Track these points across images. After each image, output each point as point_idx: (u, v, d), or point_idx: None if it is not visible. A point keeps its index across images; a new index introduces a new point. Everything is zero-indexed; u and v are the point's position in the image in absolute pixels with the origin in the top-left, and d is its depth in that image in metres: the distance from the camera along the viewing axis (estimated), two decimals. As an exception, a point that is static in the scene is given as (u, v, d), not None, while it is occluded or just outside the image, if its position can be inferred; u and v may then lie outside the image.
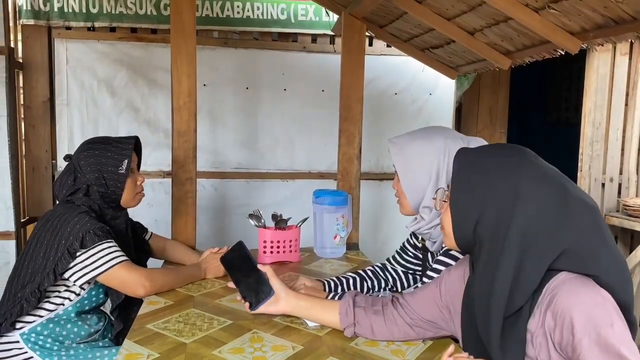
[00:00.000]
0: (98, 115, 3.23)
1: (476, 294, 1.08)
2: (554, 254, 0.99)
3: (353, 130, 2.47)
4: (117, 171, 1.72)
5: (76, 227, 1.59)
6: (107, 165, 1.72)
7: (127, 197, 1.78)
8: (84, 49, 3.17)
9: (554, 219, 1.00)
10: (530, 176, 1.03)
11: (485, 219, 1.04)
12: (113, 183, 1.73)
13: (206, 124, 3.28)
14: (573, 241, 0.99)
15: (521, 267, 0.99)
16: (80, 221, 1.60)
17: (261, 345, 1.30)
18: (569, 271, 1.01)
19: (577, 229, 1.00)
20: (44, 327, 1.64)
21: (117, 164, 1.72)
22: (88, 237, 1.58)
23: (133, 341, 1.31)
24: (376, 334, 1.34)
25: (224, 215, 3.41)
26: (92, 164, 1.71)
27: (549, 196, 1.01)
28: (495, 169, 1.06)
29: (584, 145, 3.49)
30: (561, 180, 1.04)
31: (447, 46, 2.67)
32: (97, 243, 1.59)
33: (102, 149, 1.74)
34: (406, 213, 1.59)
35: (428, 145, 1.49)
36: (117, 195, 1.75)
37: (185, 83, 2.17)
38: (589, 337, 0.92)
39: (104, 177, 1.71)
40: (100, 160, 1.72)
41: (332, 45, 3.44)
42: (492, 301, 1.01)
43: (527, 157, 1.07)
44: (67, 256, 1.56)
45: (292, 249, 2.14)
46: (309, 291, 1.59)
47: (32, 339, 1.62)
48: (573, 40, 1.91)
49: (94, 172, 1.70)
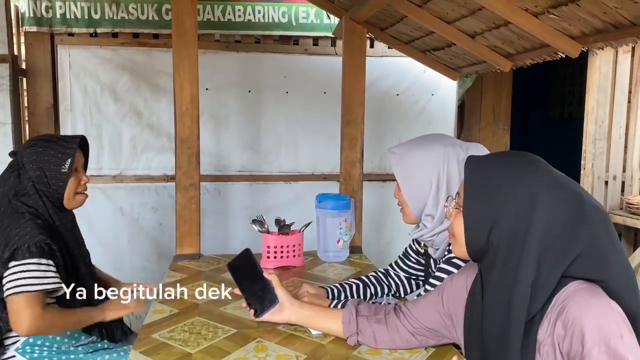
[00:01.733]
0: (102, 120, 3.25)
1: (491, 301, 1.08)
2: (569, 258, 1.01)
3: (355, 133, 2.48)
4: (59, 170, 1.67)
5: (15, 238, 1.54)
6: (50, 164, 1.67)
7: (67, 196, 1.71)
8: (86, 54, 3.19)
9: (570, 224, 1.01)
10: (547, 182, 1.04)
11: (501, 225, 1.05)
12: (55, 182, 1.68)
13: (209, 128, 3.30)
14: (587, 246, 1.01)
15: (539, 271, 1.01)
16: (21, 231, 1.55)
17: (265, 355, 1.31)
18: (581, 278, 1.02)
19: (591, 234, 1.01)
20: (35, 338, 1.62)
21: (59, 162, 1.67)
22: (20, 252, 1.52)
23: (139, 351, 1.33)
24: (379, 342, 1.35)
25: (227, 219, 3.43)
26: (34, 161, 1.66)
27: (565, 202, 1.02)
28: (511, 175, 1.07)
29: (587, 143, 3.49)
30: (574, 186, 1.06)
31: (448, 48, 2.67)
32: (24, 261, 1.52)
33: (45, 147, 1.69)
34: (409, 222, 1.60)
35: (427, 153, 1.50)
36: (59, 194, 1.69)
37: (187, 89, 2.18)
38: (599, 348, 0.93)
39: (46, 176, 1.66)
40: (43, 158, 1.67)
41: (334, 47, 3.45)
42: (512, 308, 1.02)
43: (540, 165, 1.09)
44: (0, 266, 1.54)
45: (296, 254, 2.15)
46: (313, 299, 1.60)
47: (28, 351, 1.62)
48: (573, 44, 1.91)
49: (37, 170, 1.66)
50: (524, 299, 1.01)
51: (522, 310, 1.01)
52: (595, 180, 3.49)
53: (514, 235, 1.03)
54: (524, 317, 1.01)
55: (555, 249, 1.01)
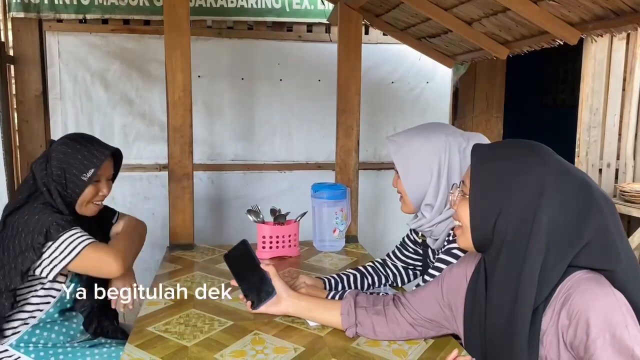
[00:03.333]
0: (92, 109, 3.19)
1: (497, 291, 1.07)
2: (577, 247, 1.00)
3: (351, 122, 2.45)
4: (79, 176, 1.63)
5: (38, 223, 1.52)
6: (73, 167, 1.63)
7: (79, 203, 1.67)
8: (76, 41, 3.12)
9: (579, 212, 1.00)
10: (554, 170, 1.03)
11: (508, 213, 1.04)
12: (72, 186, 1.64)
13: (202, 116, 3.26)
14: (595, 234, 1.00)
15: (546, 260, 1.00)
16: (41, 217, 1.54)
17: (263, 348, 1.30)
18: (588, 267, 1.02)
19: (600, 222, 1.00)
20: (30, 334, 1.61)
21: (82, 169, 1.63)
22: (52, 230, 1.52)
23: (135, 345, 1.31)
24: (378, 334, 1.34)
25: (221, 208, 3.40)
26: (60, 160, 1.63)
27: (573, 190, 1.02)
28: (518, 162, 1.06)
29: (581, 130, 3.49)
30: (582, 175, 1.06)
31: (444, 35, 2.64)
32: (62, 233, 1.53)
33: (76, 149, 1.65)
34: (408, 211, 1.58)
35: (428, 142, 1.48)
36: (72, 199, 1.65)
37: (179, 77, 2.14)
38: (604, 337, 0.92)
39: (65, 178, 1.63)
40: (69, 160, 1.63)
41: (328, 34, 3.40)
42: (519, 297, 1.01)
43: (548, 153, 1.08)
44: (32, 253, 1.51)
45: (291, 244, 2.13)
46: (310, 290, 1.58)
47: (21, 345, 1.60)
48: (572, 31, 1.89)
49: (58, 169, 1.62)
50: (531, 288, 1.00)
51: (529, 300, 1.00)
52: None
53: (521, 223, 1.02)
54: (531, 306, 1.00)
55: (564, 237, 1.00)
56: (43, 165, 1.64)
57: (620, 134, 3.55)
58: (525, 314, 1.00)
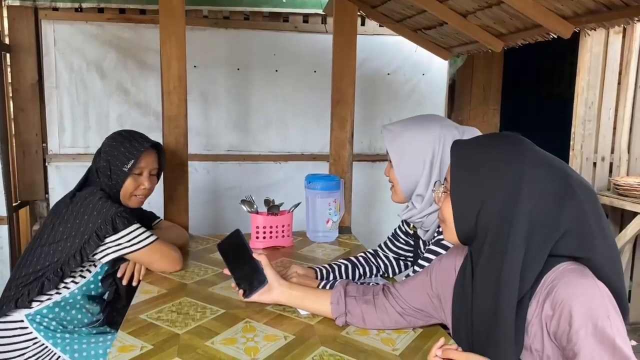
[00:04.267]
0: (88, 98, 3.19)
1: (481, 282, 1.09)
2: (556, 235, 1.01)
3: (345, 114, 2.46)
4: (121, 167, 1.77)
5: (102, 210, 1.67)
6: (116, 159, 1.78)
7: (122, 194, 1.81)
8: (72, 30, 3.12)
9: (557, 202, 1.02)
10: (532, 161, 1.04)
11: (488, 206, 1.05)
12: (115, 178, 1.78)
13: (198, 106, 3.26)
14: (573, 223, 1.02)
15: (527, 250, 1.01)
16: (104, 205, 1.69)
17: (253, 335, 1.31)
18: (568, 255, 1.03)
19: (578, 210, 1.02)
20: (50, 310, 1.69)
21: (124, 160, 1.77)
22: (119, 220, 1.68)
23: (127, 332, 1.32)
24: (367, 322, 1.35)
25: (216, 198, 3.41)
26: (107, 153, 1.79)
27: (550, 180, 1.03)
28: (497, 156, 1.07)
29: (576, 124, 3.50)
30: (561, 165, 1.07)
31: (439, 27, 2.64)
32: (128, 225, 1.70)
33: (119, 142, 1.80)
34: (398, 200, 1.59)
35: (423, 133, 1.48)
36: (116, 189, 1.79)
37: (175, 67, 2.14)
38: (586, 328, 0.94)
39: (110, 169, 1.78)
40: (114, 152, 1.78)
41: (324, 25, 3.40)
42: (502, 288, 1.02)
43: (526, 145, 1.09)
44: (96, 239, 1.66)
45: (285, 234, 2.15)
46: (301, 279, 1.60)
47: (37, 319, 1.66)
48: (565, 24, 1.90)
49: (105, 161, 1.78)
50: (513, 278, 1.01)
51: (513, 290, 1.01)
52: (583, 161, 3.52)
53: (502, 215, 1.03)
54: (515, 297, 1.01)
55: (543, 228, 1.02)
56: (96, 158, 1.82)
57: (615, 127, 3.56)
58: (509, 304, 1.02)
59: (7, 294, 1.71)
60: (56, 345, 1.65)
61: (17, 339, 1.65)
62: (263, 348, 1.25)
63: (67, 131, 3.17)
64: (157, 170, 1.92)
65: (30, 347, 1.65)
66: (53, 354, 1.65)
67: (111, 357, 1.19)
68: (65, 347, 1.65)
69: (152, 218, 2.10)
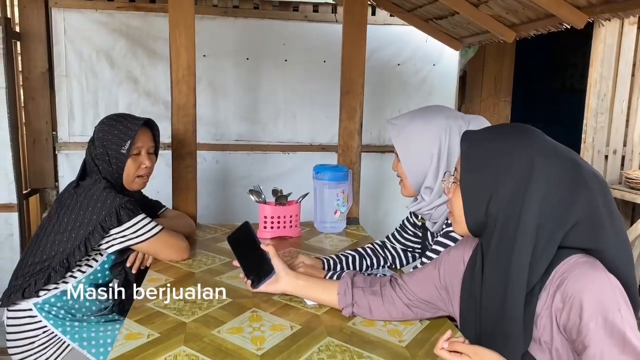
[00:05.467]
0: (97, 86, 3.20)
1: (490, 274, 1.08)
2: (567, 226, 1.00)
3: (354, 104, 2.44)
4: (119, 150, 1.74)
5: (107, 202, 1.67)
6: (112, 143, 1.75)
7: (126, 178, 1.79)
8: (82, 19, 3.12)
9: (568, 192, 1.01)
10: (543, 152, 1.03)
11: (498, 197, 1.04)
12: (115, 162, 1.75)
13: (207, 96, 3.26)
14: (584, 214, 1.00)
15: (537, 241, 1.00)
16: (108, 196, 1.68)
17: (260, 325, 1.31)
18: (577, 247, 1.02)
19: (589, 201, 1.01)
20: (57, 298, 1.70)
21: (120, 143, 1.74)
22: (123, 212, 1.67)
23: (134, 320, 1.32)
24: (374, 314, 1.35)
25: (225, 188, 3.42)
26: (100, 139, 1.75)
27: (562, 170, 1.02)
28: (507, 146, 1.06)
29: (588, 116, 3.46)
30: (572, 155, 1.05)
31: (451, 17, 2.62)
32: (133, 216, 1.70)
33: (112, 125, 1.76)
34: (408, 194, 1.58)
35: (429, 124, 1.47)
36: (118, 174, 1.77)
37: (184, 56, 2.13)
38: (596, 321, 0.93)
39: (108, 154, 1.75)
40: (108, 137, 1.75)
41: (334, 14, 3.37)
42: (511, 279, 1.02)
43: (536, 135, 1.08)
44: (100, 231, 1.66)
45: (293, 224, 2.15)
46: (308, 270, 1.60)
47: (45, 308, 1.67)
48: (579, 14, 1.87)
49: (101, 147, 1.75)
50: (522, 270, 1.00)
51: (522, 282, 1.00)
52: (595, 154, 3.48)
53: (512, 205, 1.03)
54: (524, 289, 1.01)
55: (553, 218, 1.01)
56: (91, 147, 1.78)
57: (628, 120, 3.51)
58: (518, 297, 1.01)
59: (14, 283, 1.72)
60: (65, 333, 1.66)
61: (26, 327, 1.67)
62: (269, 337, 1.25)
63: (77, 119, 3.18)
64: (154, 148, 1.89)
65: (40, 335, 1.67)
66: (62, 342, 1.67)
67: (118, 344, 1.19)
68: (75, 335, 1.67)
69: (158, 207, 2.10)
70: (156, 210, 2.07)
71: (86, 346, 1.66)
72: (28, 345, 1.67)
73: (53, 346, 1.67)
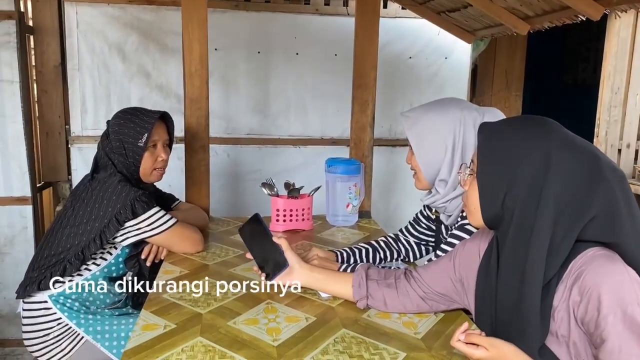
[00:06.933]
0: (110, 80, 3.21)
1: (507, 267, 1.08)
2: (585, 219, 1.00)
3: (366, 97, 2.44)
4: (136, 143, 1.76)
5: (122, 195, 1.68)
6: (129, 137, 1.77)
7: (143, 171, 1.82)
8: (94, 12, 3.12)
9: (586, 184, 1.00)
10: (561, 144, 1.02)
11: (515, 189, 1.03)
12: (132, 155, 1.78)
13: (219, 89, 3.26)
14: (603, 207, 1.00)
15: (554, 234, 1.00)
16: (123, 189, 1.70)
17: (275, 317, 1.32)
18: (595, 240, 1.01)
19: (607, 194, 1.00)
20: (72, 291, 1.71)
21: (137, 136, 1.76)
22: (138, 205, 1.69)
23: (150, 311, 1.34)
24: (389, 306, 1.35)
25: (237, 181, 3.42)
26: (116, 132, 1.77)
27: (580, 162, 1.01)
28: (524, 138, 1.05)
29: (602, 110, 3.43)
30: (590, 147, 1.04)
31: (463, 10, 2.60)
32: (147, 209, 1.72)
33: (127, 119, 1.79)
34: (422, 187, 1.58)
35: (443, 117, 1.46)
36: (135, 167, 1.79)
37: (196, 49, 2.14)
38: (615, 314, 0.93)
39: (124, 148, 1.77)
40: (124, 130, 1.77)
41: (346, 7, 3.36)
42: (527, 272, 1.01)
43: (554, 126, 1.07)
44: (116, 223, 1.68)
45: (305, 217, 2.15)
46: (322, 262, 1.60)
47: (60, 300, 1.69)
48: (595, 6, 1.85)
49: (117, 141, 1.77)
50: (539, 263, 1.00)
51: (538, 275, 1.00)
52: (608, 148, 3.44)
53: (529, 198, 1.02)
54: (540, 282, 1.00)
55: (571, 210, 1.00)
56: (105, 141, 1.79)
57: (642, 114, 3.48)
58: (534, 290, 1.01)
59: (30, 275, 1.74)
60: (80, 325, 1.68)
61: (41, 319, 1.69)
62: (285, 329, 1.26)
63: (90, 113, 3.19)
64: (169, 141, 1.93)
65: (55, 328, 1.68)
66: (77, 334, 1.68)
67: (135, 335, 1.20)
68: (89, 328, 1.68)
69: (171, 200, 2.11)
70: (169, 203, 2.08)
71: (100, 339, 1.67)
72: (43, 337, 1.69)
73: (67, 338, 1.68)
